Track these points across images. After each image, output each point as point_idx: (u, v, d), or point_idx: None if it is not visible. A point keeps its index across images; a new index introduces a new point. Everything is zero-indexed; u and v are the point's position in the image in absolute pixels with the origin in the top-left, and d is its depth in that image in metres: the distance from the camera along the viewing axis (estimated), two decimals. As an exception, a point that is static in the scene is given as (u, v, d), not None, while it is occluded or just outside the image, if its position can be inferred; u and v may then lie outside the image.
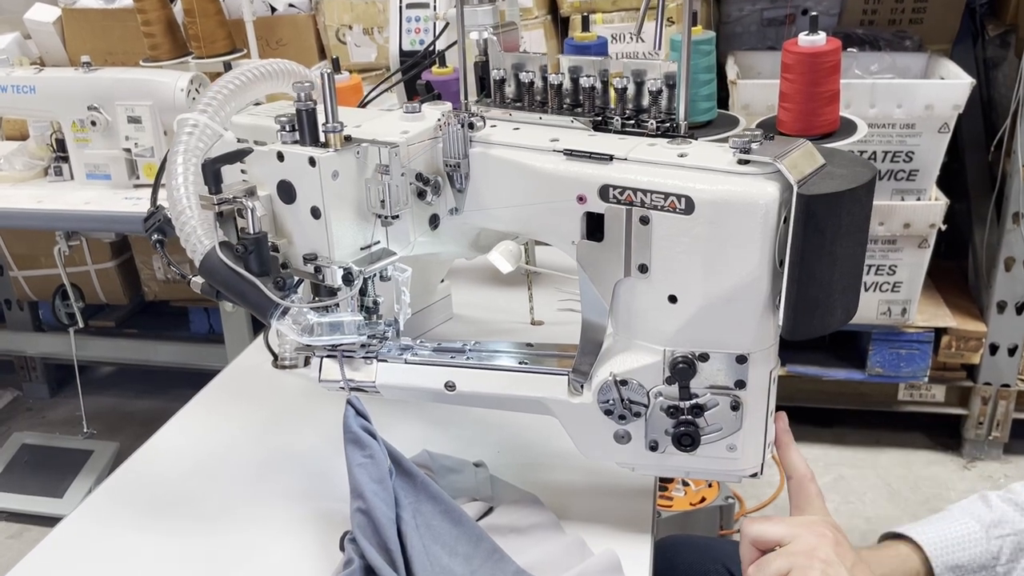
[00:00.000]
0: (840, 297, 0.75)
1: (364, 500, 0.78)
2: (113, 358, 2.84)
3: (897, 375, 2.34)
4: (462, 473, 0.94)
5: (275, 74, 0.95)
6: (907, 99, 2.01)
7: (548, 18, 2.26)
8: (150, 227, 0.90)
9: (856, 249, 0.75)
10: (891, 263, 2.21)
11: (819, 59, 1.10)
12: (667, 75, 0.85)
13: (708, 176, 0.74)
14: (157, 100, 1.93)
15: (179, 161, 0.84)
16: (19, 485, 2.39)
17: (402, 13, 1.86)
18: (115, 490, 0.97)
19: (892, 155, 2.09)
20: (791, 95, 1.12)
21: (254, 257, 0.79)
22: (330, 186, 0.80)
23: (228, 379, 1.21)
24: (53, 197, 1.98)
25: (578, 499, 0.91)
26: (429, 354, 0.88)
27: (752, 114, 2.05)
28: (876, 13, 2.45)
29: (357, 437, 0.82)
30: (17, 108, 2.06)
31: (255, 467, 1.00)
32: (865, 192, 0.72)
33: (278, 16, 2.43)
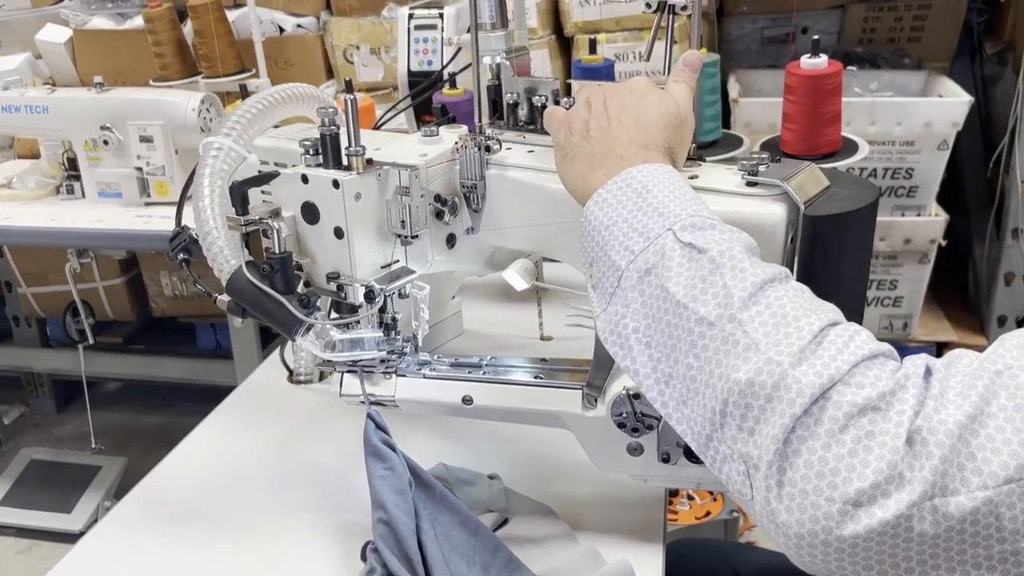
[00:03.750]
0: (846, 315, 0.78)
1: (386, 511, 0.81)
2: (120, 374, 2.86)
3: (899, 389, 2.35)
4: (477, 485, 0.96)
5: (295, 98, 0.99)
6: (907, 117, 2.05)
7: (552, 38, 2.30)
8: (176, 247, 0.92)
9: (860, 268, 0.78)
10: (892, 278, 2.24)
11: (821, 81, 1.13)
12: (676, 99, 0.88)
13: (717, 198, 0.77)
14: (169, 120, 1.96)
15: (205, 183, 0.87)
16: (28, 500, 2.40)
17: (410, 35, 1.90)
18: (135, 506, 0.99)
19: (892, 172, 2.12)
20: (794, 116, 1.16)
21: (279, 276, 0.82)
22: (353, 207, 0.83)
23: (243, 395, 1.24)
24: (65, 215, 2.01)
25: (591, 510, 0.94)
26: (447, 369, 0.90)
27: (754, 132, 2.08)
28: (875, 31, 2.49)
29: (377, 450, 0.84)
30: (30, 128, 2.09)
31: (274, 481, 1.02)
32: (869, 212, 0.75)
33: (286, 36, 2.47)
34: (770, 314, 0.61)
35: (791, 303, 0.62)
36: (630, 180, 0.72)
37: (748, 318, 0.61)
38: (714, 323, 0.62)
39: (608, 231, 0.71)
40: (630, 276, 0.69)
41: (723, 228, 0.69)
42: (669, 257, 0.67)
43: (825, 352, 0.58)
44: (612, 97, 0.80)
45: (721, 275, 0.64)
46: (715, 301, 0.63)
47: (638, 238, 0.69)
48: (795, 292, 0.64)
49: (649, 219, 0.69)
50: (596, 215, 0.73)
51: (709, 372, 0.62)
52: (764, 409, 0.58)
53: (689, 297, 0.64)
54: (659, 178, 0.72)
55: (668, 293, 0.65)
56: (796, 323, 0.60)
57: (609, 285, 0.71)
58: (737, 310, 0.62)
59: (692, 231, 0.67)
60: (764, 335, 0.60)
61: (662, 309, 0.66)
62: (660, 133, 0.77)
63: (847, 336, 0.60)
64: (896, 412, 0.55)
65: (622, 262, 0.69)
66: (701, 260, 0.66)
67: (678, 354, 0.65)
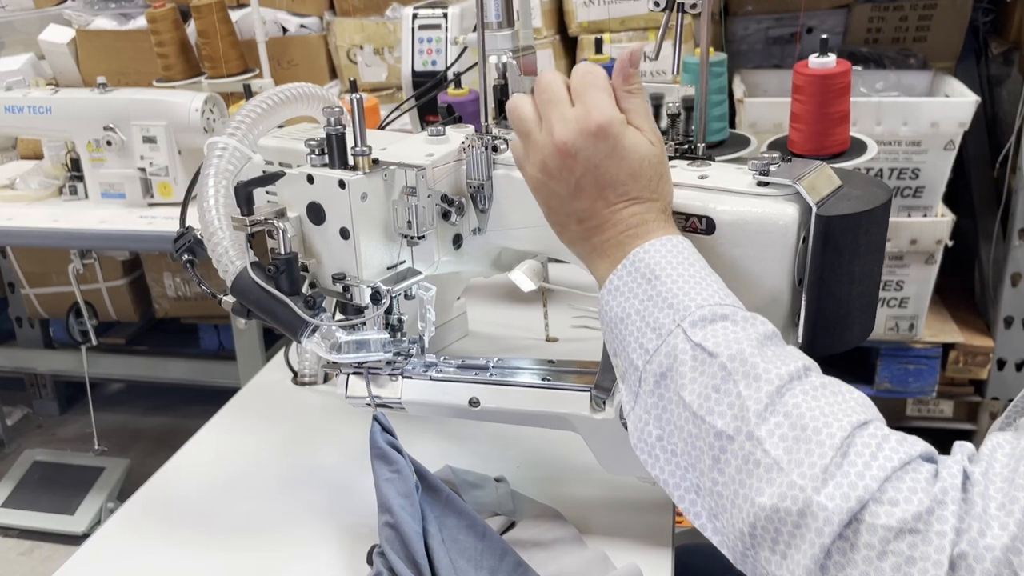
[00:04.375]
0: (858, 315, 0.77)
1: (392, 514, 0.80)
2: (123, 375, 2.86)
3: (905, 390, 2.35)
4: (484, 488, 0.96)
5: (300, 98, 0.98)
6: (913, 117, 2.04)
7: (557, 38, 2.29)
8: (180, 247, 0.92)
9: (873, 268, 0.77)
10: (898, 279, 2.23)
11: (830, 81, 1.12)
12: (684, 98, 0.88)
13: (729, 197, 0.76)
14: (172, 120, 1.95)
15: (210, 183, 0.86)
16: (31, 502, 2.40)
17: (414, 35, 1.89)
18: (139, 508, 0.98)
19: (898, 172, 2.11)
20: (802, 116, 1.15)
21: (285, 277, 0.81)
22: (359, 208, 0.82)
23: (247, 397, 1.23)
24: (68, 216, 2.01)
25: (599, 513, 0.93)
26: (453, 371, 0.89)
27: (759, 132, 2.07)
28: (880, 31, 2.48)
29: (384, 453, 0.84)
30: (33, 128, 2.09)
31: (279, 484, 1.01)
32: (881, 212, 0.74)
33: (290, 37, 2.46)
34: (789, 426, 0.58)
35: (810, 409, 0.58)
36: (637, 263, 0.70)
37: (766, 434, 0.58)
38: (732, 438, 0.60)
39: (623, 324, 0.69)
40: (647, 379, 0.67)
41: (735, 318, 0.66)
42: (681, 361, 0.64)
43: (852, 468, 0.55)
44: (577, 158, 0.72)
45: (734, 383, 0.61)
46: (731, 413, 0.60)
47: (651, 334, 0.67)
48: (815, 391, 0.60)
49: (660, 312, 0.67)
50: (610, 305, 0.71)
51: (734, 492, 0.59)
52: (793, 535, 0.55)
53: (704, 409, 0.62)
54: (666, 258, 0.70)
55: (685, 403, 0.63)
56: (817, 436, 0.57)
57: (632, 384, 0.69)
58: (754, 426, 0.59)
59: (703, 326, 0.65)
60: (784, 452, 0.57)
61: (682, 418, 0.64)
62: (646, 188, 0.73)
63: (875, 444, 0.56)
64: (936, 534, 0.52)
65: (639, 362, 0.67)
66: (712, 366, 0.63)
67: (702, 466, 0.62)
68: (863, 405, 0.60)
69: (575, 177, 0.73)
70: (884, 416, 0.61)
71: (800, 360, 0.63)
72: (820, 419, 0.58)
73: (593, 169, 0.72)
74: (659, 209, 0.73)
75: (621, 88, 0.75)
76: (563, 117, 0.73)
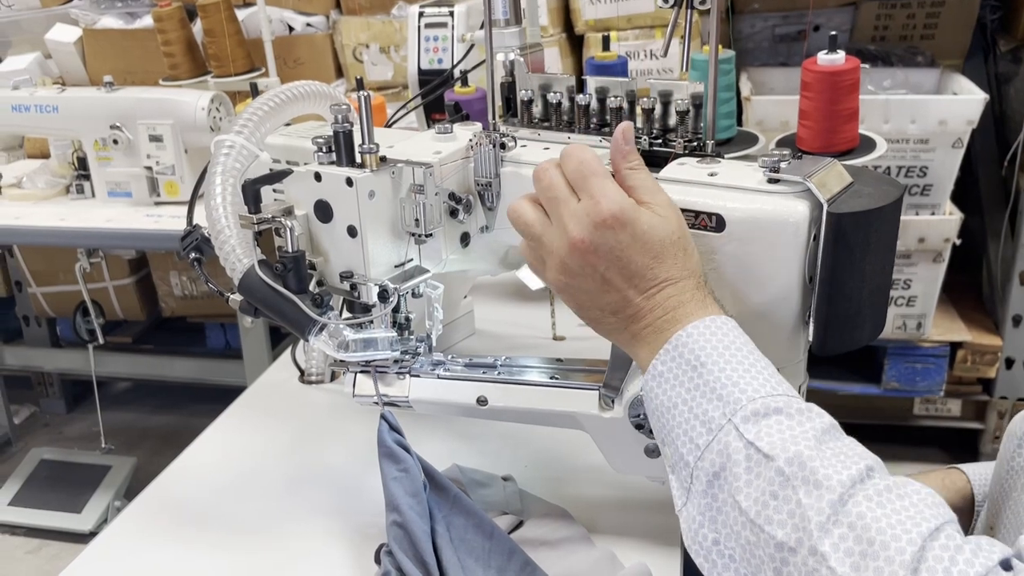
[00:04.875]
0: (869, 313, 0.77)
1: (400, 513, 0.80)
2: (130, 374, 2.87)
3: (913, 389, 2.34)
4: (491, 487, 0.95)
5: (307, 96, 0.98)
6: (921, 115, 2.03)
7: (563, 36, 2.28)
8: (187, 246, 0.92)
9: (884, 266, 0.76)
10: (906, 278, 2.22)
11: (838, 78, 1.11)
12: (693, 95, 0.87)
13: (738, 194, 0.75)
14: (178, 119, 1.96)
15: (217, 181, 0.86)
16: (38, 500, 2.40)
17: (420, 33, 1.89)
18: (146, 507, 0.98)
19: (906, 170, 2.10)
20: (811, 113, 1.14)
21: (292, 275, 0.81)
22: (366, 205, 0.82)
23: (254, 395, 1.23)
24: (75, 215, 2.01)
25: (607, 512, 0.92)
26: (461, 369, 0.89)
27: (766, 129, 2.07)
28: (888, 29, 2.47)
29: (391, 451, 0.83)
30: (40, 127, 2.09)
31: (286, 482, 1.01)
32: (892, 210, 0.74)
33: (296, 36, 2.46)
34: (854, 539, 0.55)
35: (876, 520, 0.55)
36: (681, 349, 0.67)
37: (830, 548, 0.55)
38: (795, 550, 0.56)
39: (670, 414, 0.67)
40: (699, 477, 0.64)
41: (789, 411, 0.62)
42: (735, 462, 0.61)
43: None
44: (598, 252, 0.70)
45: (793, 490, 0.58)
46: (791, 523, 0.57)
47: (701, 428, 0.64)
48: (880, 497, 0.57)
49: (709, 403, 0.64)
50: (655, 392, 0.69)
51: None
52: None
53: (763, 518, 0.59)
54: (710, 342, 0.67)
55: (741, 508, 0.60)
56: (886, 551, 0.53)
57: (684, 479, 0.66)
58: (816, 539, 0.55)
59: (755, 421, 0.62)
60: (852, 569, 0.54)
61: (739, 523, 0.61)
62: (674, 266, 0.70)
63: (947, 558, 0.52)
64: None
65: (690, 457, 0.65)
66: (768, 470, 0.60)
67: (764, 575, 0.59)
68: (932, 506, 0.56)
69: (599, 272, 0.71)
70: (891, 416, 0.59)
71: (863, 460, 0.59)
72: (888, 531, 0.54)
73: (616, 260, 0.70)
74: (693, 286, 0.70)
75: (623, 168, 0.74)
76: (573, 214, 0.71)
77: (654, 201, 0.72)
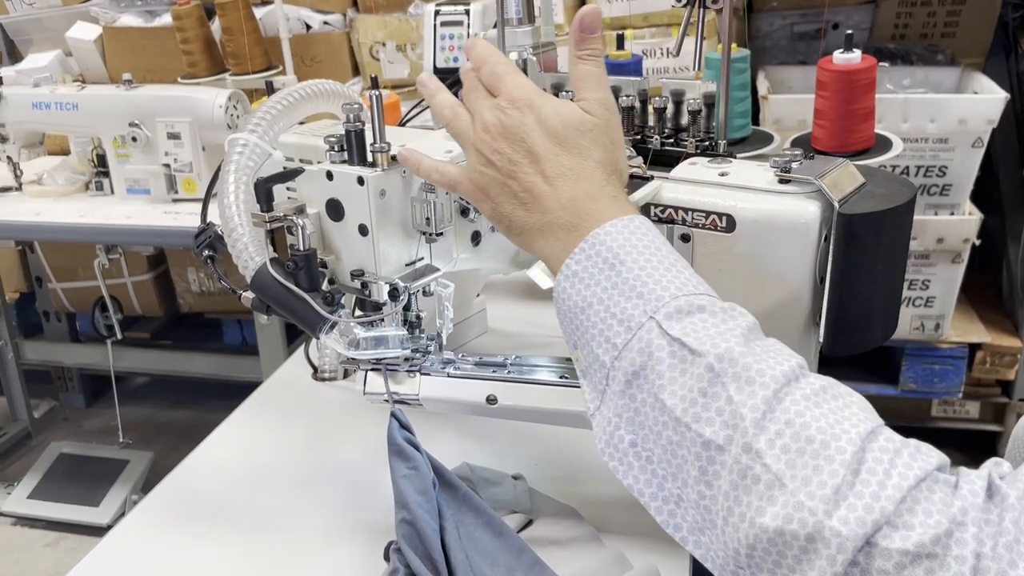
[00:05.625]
0: (880, 315, 0.76)
1: (409, 511, 0.80)
2: (148, 369, 2.89)
3: (931, 391, 2.32)
4: (501, 486, 0.95)
5: (321, 94, 0.98)
6: (940, 114, 2.01)
7: (579, 34, 2.28)
8: (201, 243, 0.92)
9: (896, 267, 0.76)
10: (924, 278, 2.20)
11: (854, 77, 1.11)
12: (706, 95, 0.87)
13: (749, 195, 0.75)
14: (196, 117, 1.97)
15: (231, 180, 0.86)
16: (56, 494, 2.43)
17: (436, 31, 1.89)
18: (159, 502, 0.99)
19: (925, 170, 2.08)
20: (826, 112, 1.13)
21: (304, 273, 0.82)
22: (378, 204, 0.82)
23: (268, 391, 1.24)
24: (94, 211, 2.03)
25: (616, 512, 0.92)
26: (471, 368, 0.89)
27: (783, 129, 2.06)
28: (908, 27, 2.45)
29: (401, 449, 0.84)
30: (60, 124, 2.12)
31: (298, 479, 1.01)
32: (905, 211, 0.73)
33: (313, 34, 2.47)
34: (792, 436, 0.53)
35: (815, 418, 0.53)
36: (598, 247, 0.64)
37: (765, 445, 0.53)
38: (724, 448, 0.54)
39: (584, 314, 0.63)
40: (617, 378, 0.61)
41: (714, 308, 0.60)
42: (658, 359, 0.58)
43: (866, 488, 0.50)
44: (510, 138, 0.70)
45: (724, 386, 0.55)
46: (721, 420, 0.55)
47: (619, 327, 0.61)
48: (816, 395, 0.55)
49: (628, 302, 0.61)
50: (568, 293, 0.65)
51: (727, 509, 0.54)
52: (800, 560, 0.51)
53: (690, 416, 0.56)
54: (629, 240, 0.64)
55: (665, 407, 0.58)
56: (825, 449, 0.52)
57: (598, 381, 0.63)
58: (752, 436, 0.53)
59: (679, 319, 0.59)
60: (788, 466, 0.52)
61: (660, 423, 0.58)
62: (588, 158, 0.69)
63: (887, 460, 0.51)
64: (955, 559, 0.48)
65: (606, 358, 0.62)
66: (697, 366, 0.57)
67: (686, 476, 0.57)
68: (865, 410, 0.55)
69: (507, 156, 0.70)
70: (909, 417, 0.59)
71: (792, 358, 0.58)
72: (827, 430, 0.52)
73: (521, 143, 0.69)
74: (603, 180, 0.68)
75: (573, 55, 0.73)
76: (485, 104, 0.72)
77: (589, 96, 0.71)
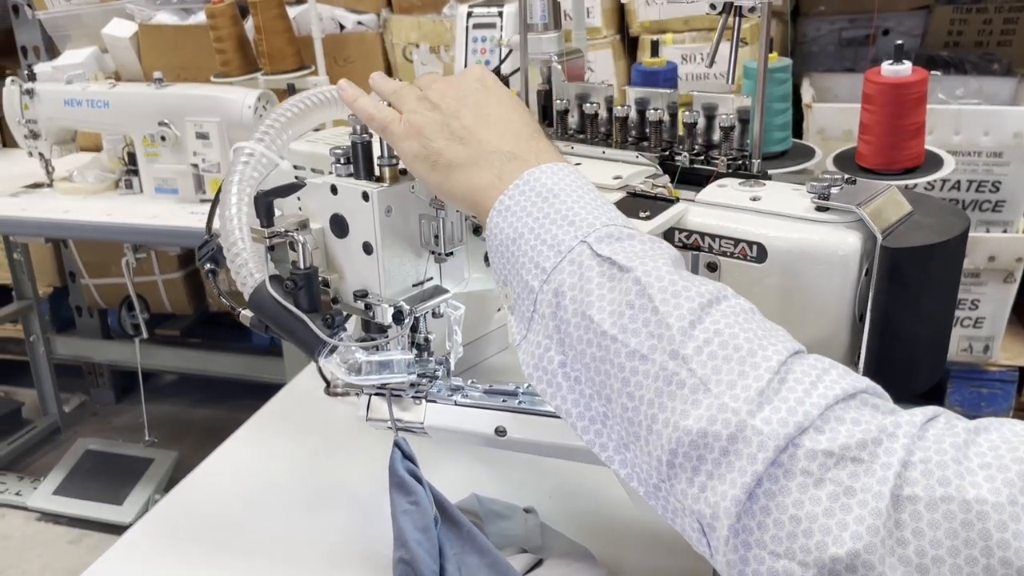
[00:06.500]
0: (926, 356, 0.69)
1: (408, 550, 0.75)
2: (176, 367, 2.89)
3: (977, 415, 2.21)
4: (511, 519, 0.90)
5: (333, 102, 0.93)
6: (995, 126, 1.91)
7: (617, 38, 2.21)
8: (203, 256, 0.88)
9: (945, 305, 0.69)
10: (974, 298, 2.10)
11: (904, 90, 1.03)
12: (740, 109, 0.81)
13: (783, 223, 0.69)
14: (225, 116, 1.95)
15: (233, 191, 0.82)
16: (81, 490, 2.43)
17: (468, 33, 1.84)
18: (160, 522, 0.96)
19: (977, 185, 1.99)
20: (872, 127, 1.06)
21: (303, 293, 0.77)
22: (383, 221, 0.77)
23: (280, 404, 1.20)
24: (122, 210, 2.02)
25: (632, 553, 0.86)
26: (480, 396, 0.84)
27: (828, 139, 1.97)
28: (962, 34, 2.35)
29: (403, 481, 0.79)
30: (91, 122, 2.11)
31: (298, 504, 0.97)
32: (956, 245, 0.66)
33: (347, 34, 2.44)
34: (719, 344, 0.52)
35: (743, 330, 0.53)
36: (532, 183, 0.65)
37: (692, 352, 0.52)
38: (647, 357, 0.54)
39: (515, 244, 0.64)
40: (545, 301, 0.61)
41: (643, 238, 0.61)
42: (587, 278, 0.58)
43: (791, 394, 0.49)
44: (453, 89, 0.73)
45: (650, 299, 0.55)
46: (647, 330, 0.54)
47: (548, 252, 0.61)
48: (743, 315, 0.55)
49: (559, 229, 0.62)
50: (500, 227, 0.65)
51: (651, 416, 0.53)
52: (719, 463, 0.50)
53: (617, 327, 0.56)
54: (564, 180, 0.65)
55: (592, 322, 0.57)
56: (752, 358, 0.51)
57: (525, 309, 0.63)
58: (678, 344, 0.53)
59: (609, 242, 0.60)
60: (713, 372, 0.51)
61: (586, 340, 0.58)
62: (533, 123, 0.71)
63: (815, 373, 0.51)
64: (881, 465, 0.46)
65: (535, 282, 0.62)
66: (624, 281, 0.57)
67: (610, 392, 0.56)
68: (791, 339, 0.54)
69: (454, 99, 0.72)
70: None
71: (717, 284, 0.57)
72: (755, 341, 0.52)
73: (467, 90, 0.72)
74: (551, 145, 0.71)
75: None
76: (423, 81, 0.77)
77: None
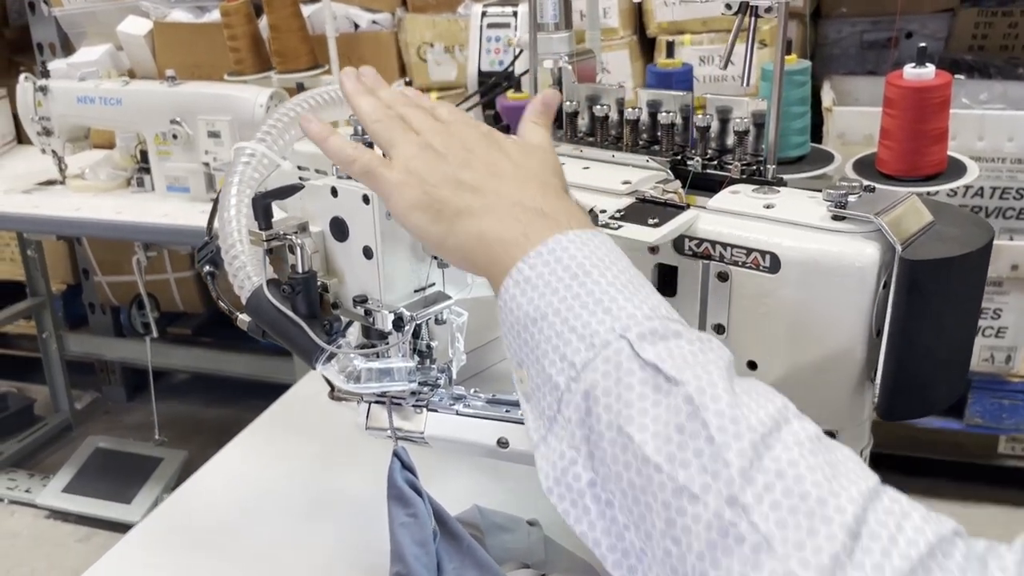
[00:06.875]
0: (945, 373, 0.66)
1: (404, 564, 0.73)
2: (187, 366, 2.88)
3: (998, 426, 2.17)
4: (514, 532, 0.88)
5: (338, 101, 0.91)
6: (1020, 131, 1.87)
7: (634, 38, 2.18)
8: (202, 258, 0.86)
9: (967, 320, 0.66)
10: (996, 307, 2.05)
11: (926, 95, 1.00)
12: (755, 113, 0.78)
13: (797, 232, 0.66)
14: (236, 115, 1.93)
15: (233, 192, 0.80)
16: (90, 488, 2.42)
17: (482, 33, 1.82)
18: (157, 527, 0.95)
19: (1001, 191, 1.94)
20: (893, 132, 1.03)
21: (302, 298, 0.75)
22: (384, 225, 0.75)
23: (284, 407, 1.18)
24: (133, 208, 2.01)
25: (639, 570, 0.84)
26: (483, 406, 0.82)
27: (848, 143, 1.94)
28: (987, 38, 2.30)
29: (401, 493, 0.77)
30: (104, 119, 2.11)
31: (297, 511, 0.95)
32: (980, 257, 0.63)
33: (361, 33, 2.42)
34: (782, 491, 0.44)
35: (808, 469, 0.44)
36: (560, 254, 0.55)
37: (753, 500, 0.44)
38: (699, 498, 0.44)
39: (536, 327, 0.53)
40: (573, 403, 0.51)
41: (691, 336, 0.51)
42: (627, 385, 0.49)
43: (868, 559, 0.41)
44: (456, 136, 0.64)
45: (704, 424, 0.46)
46: (698, 463, 0.45)
47: (579, 344, 0.51)
48: (809, 444, 0.46)
49: (592, 317, 0.52)
50: (518, 301, 0.55)
51: (701, 572, 0.44)
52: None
53: (663, 455, 0.46)
54: (597, 252, 0.55)
55: (632, 441, 0.48)
56: (822, 508, 0.43)
57: (547, 405, 0.53)
58: (738, 488, 0.44)
59: (653, 341, 0.50)
60: (778, 527, 0.43)
61: (623, 462, 0.48)
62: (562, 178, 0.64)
63: (893, 524, 0.43)
64: None
65: (560, 378, 0.52)
66: (674, 397, 0.47)
67: (650, 528, 0.47)
68: (859, 463, 0.47)
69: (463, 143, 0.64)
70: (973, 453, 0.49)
71: (777, 397, 0.49)
72: (823, 485, 0.44)
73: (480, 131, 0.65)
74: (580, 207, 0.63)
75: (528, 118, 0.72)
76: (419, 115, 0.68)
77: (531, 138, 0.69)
